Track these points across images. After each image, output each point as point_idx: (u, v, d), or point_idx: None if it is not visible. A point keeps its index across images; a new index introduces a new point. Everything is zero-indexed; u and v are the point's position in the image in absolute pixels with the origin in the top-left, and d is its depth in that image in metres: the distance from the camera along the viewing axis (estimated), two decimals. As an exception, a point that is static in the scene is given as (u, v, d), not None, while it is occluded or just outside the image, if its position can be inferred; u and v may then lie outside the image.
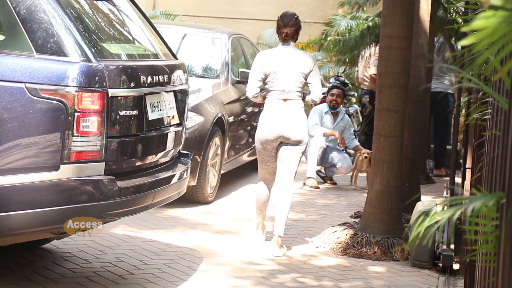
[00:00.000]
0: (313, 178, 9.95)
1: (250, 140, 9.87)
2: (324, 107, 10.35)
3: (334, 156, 10.18)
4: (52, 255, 6.07)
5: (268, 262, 6.51)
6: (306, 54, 6.99)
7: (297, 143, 6.80)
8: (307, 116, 8.58)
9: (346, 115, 10.70)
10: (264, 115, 6.89)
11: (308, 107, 11.42)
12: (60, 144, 4.60)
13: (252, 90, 6.88)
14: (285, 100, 6.81)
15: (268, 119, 6.83)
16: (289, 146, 6.81)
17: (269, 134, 6.78)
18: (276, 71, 6.80)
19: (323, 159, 10.22)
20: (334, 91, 10.42)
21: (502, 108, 2.44)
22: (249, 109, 9.77)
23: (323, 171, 10.44)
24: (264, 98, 6.93)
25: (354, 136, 10.66)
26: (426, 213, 5.77)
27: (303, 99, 6.91)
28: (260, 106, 10.23)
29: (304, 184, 9.89)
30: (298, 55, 6.88)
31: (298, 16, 6.99)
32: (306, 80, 6.86)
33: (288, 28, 6.84)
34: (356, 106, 12.59)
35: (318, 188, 9.93)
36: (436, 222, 2.23)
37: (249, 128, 9.79)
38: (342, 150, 10.44)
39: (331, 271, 6.43)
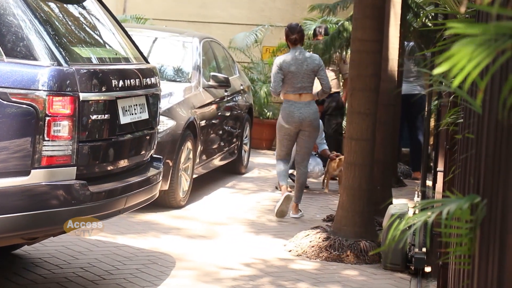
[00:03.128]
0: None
1: (222, 144, 9.85)
2: None
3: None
4: (23, 260, 6.01)
5: (241, 266, 6.49)
6: (313, 55, 8.57)
7: (312, 129, 8.38)
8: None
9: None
10: (284, 107, 8.40)
11: None
12: (30, 148, 4.56)
13: (277, 88, 8.39)
14: (300, 94, 8.36)
15: (287, 111, 8.34)
16: (306, 132, 8.39)
17: (288, 122, 8.34)
18: (292, 70, 8.31)
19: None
20: (321, 107, 10.47)
21: (475, 111, 2.45)
22: (221, 113, 9.75)
23: (295, 174, 10.44)
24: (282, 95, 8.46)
25: (324, 141, 10.68)
26: (400, 217, 5.79)
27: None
28: (232, 110, 10.24)
29: (276, 188, 9.90)
30: (307, 56, 8.43)
31: (301, 25, 8.73)
32: (315, 76, 8.38)
33: (296, 34, 8.40)
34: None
35: (290, 191, 9.93)
36: (411, 225, 2.23)
37: (220, 132, 9.77)
38: (315, 154, 10.45)
39: (304, 274, 6.43)
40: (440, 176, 6.30)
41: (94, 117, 4.86)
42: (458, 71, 1.51)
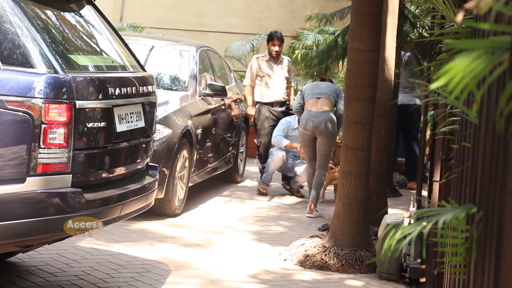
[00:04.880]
0: (266, 183, 10.13)
1: (218, 152, 9.84)
2: (295, 122, 10.27)
3: (296, 165, 10.19)
4: (17, 268, 5.99)
5: (236, 275, 6.48)
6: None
7: (324, 137, 9.04)
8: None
9: None
10: (302, 116, 9.15)
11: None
12: (26, 156, 4.55)
13: (297, 105, 9.36)
14: (318, 99, 9.09)
15: (304, 119, 9.08)
16: (320, 140, 9.06)
17: (305, 128, 9.10)
18: (312, 85, 9.43)
19: (286, 170, 10.29)
20: None
21: (471, 122, 2.46)
22: (217, 122, 9.75)
23: (282, 181, 10.54)
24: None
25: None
26: (395, 226, 5.77)
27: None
28: (228, 118, 10.24)
29: (259, 191, 10.09)
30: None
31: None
32: (337, 97, 9.11)
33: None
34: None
35: (266, 194, 10.09)
36: (406, 235, 2.23)
37: (217, 140, 9.77)
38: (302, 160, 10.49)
39: (299, 284, 6.42)
40: (436, 186, 6.30)
41: (90, 125, 4.86)
42: (455, 85, 1.52)
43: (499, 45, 1.51)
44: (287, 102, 10.86)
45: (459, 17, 1.50)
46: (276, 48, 10.55)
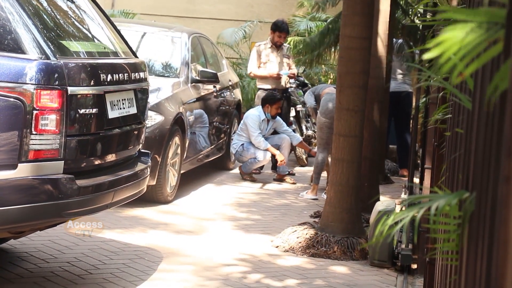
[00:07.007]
0: (248, 173, 10.18)
1: (210, 139, 9.84)
2: (261, 114, 10.24)
3: (254, 151, 10.17)
4: (9, 255, 5.98)
5: (229, 262, 6.49)
6: None
7: None
8: (247, 120, 10.09)
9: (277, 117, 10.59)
10: (323, 99, 9.31)
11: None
12: (18, 142, 4.53)
13: (312, 102, 9.92)
14: (334, 88, 8.80)
15: (326, 100, 9.19)
16: None
17: (325, 113, 9.17)
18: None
19: (276, 166, 10.37)
20: (280, 103, 10.41)
21: (464, 107, 2.46)
22: (209, 109, 9.74)
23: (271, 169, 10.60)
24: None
25: (291, 130, 10.68)
26: (387, 213, 5.78)
27: None
28: (221, 105, 10.23)
29: (243, 177, 10.13)
30: None
31: None
32: None
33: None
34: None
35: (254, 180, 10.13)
36: (398, 221, 2.23)
37: (208, 127, 9.76)
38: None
39: (291, 270, 6.43)
40: (427, 173, 6.31)
41: (82, 111, 4.85)
42: (448, 58, 1.50)
43: (495, 19, 1.48)
44: (289, 90, 11.10)
45: (454, 2, 1.49)
46: (282, 40, 10.77)
